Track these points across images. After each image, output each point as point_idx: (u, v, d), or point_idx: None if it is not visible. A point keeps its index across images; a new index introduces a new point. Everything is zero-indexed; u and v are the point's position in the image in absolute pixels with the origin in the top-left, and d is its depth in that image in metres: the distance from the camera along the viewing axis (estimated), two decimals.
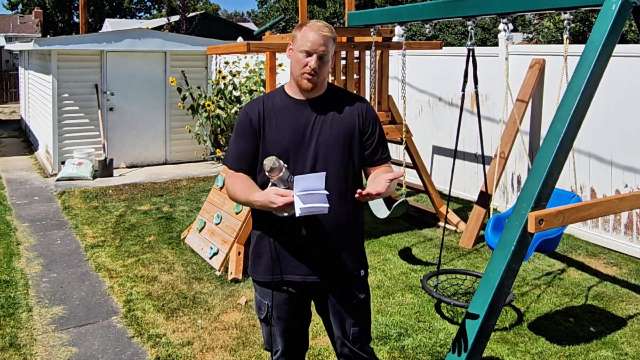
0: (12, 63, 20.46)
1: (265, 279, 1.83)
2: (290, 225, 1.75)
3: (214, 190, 4.46)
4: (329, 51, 1.76)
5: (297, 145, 1.76)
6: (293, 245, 1.78)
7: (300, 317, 1.90)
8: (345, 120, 1.80)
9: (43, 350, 2.84)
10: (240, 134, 1.83)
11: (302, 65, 1.76)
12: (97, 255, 4.18)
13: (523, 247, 2.15)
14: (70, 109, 6.90)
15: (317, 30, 1.75)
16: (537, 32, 14.94)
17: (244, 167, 1.81)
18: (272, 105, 1.82)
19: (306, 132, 1.77)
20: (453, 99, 5.67)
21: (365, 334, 1.90)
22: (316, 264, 1.79)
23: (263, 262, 1.82)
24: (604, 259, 4.06)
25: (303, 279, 1.80)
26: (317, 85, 1.79)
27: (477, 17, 3.28)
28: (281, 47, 4.36)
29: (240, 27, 24.45)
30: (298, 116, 1.79)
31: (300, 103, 1.81)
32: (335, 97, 1.84)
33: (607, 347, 2.82)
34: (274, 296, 1.82)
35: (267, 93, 1.91)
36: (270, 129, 1.79)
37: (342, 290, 1.84)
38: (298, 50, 1.77)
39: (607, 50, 2.27)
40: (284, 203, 1.57)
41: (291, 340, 1.90)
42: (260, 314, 1.89)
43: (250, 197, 1.68)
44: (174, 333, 3.00)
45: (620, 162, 4.19)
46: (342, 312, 1.85)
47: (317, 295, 1.88)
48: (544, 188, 2.16)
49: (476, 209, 4.42)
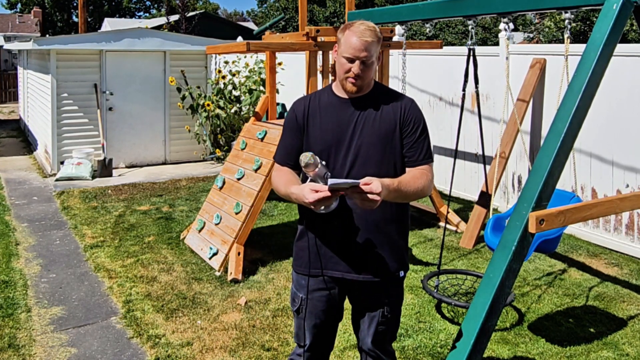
0: (11, 63, 20.45)
1: (305, 272, 1.86)
2: (332, 221, 1.78)
3: (213, 190, 4.45)
4: (372, 55, 1.75)
5: (338, 142, 1.78)
6: (333, 241, 1.81)
7: (332, 315, 1.91)
8: (387, 119, 1.80)
9: (42, 351, 2.83)
10: (287, 129, 1.88)
11: (345, 70, 1.77)
12: (96, 255, 4.17)
13: (524, 247, 2.14)
14: (69, 108, 6.89)
15: (359, 36, 1.73)
16: (538, 32, 14.93)
17: (289, 162, 1.85)
18: (318, 102, 1.86)
19: (348, 130, 1.78)
20: (453, 99, 5.66)
21: (391, 333, 1.92)
22: (356, 262, 1.81)
23: (304, 255, 1.86)
24: (605, 259, 4.05)
25: (342, 275, 1.82)
26: (363, 88, 1.81)
27: (477, 17, 3.27)
28: (281, 46, 4.35)
29: (239, 27, 24.43)
30: (341, 115, 1.81)
31: (344, 101, 1.82)
32: (379, 96, 1.84)
33: (608, 348, 2.81)
34: (310, 290, 1.85)
35: (315, 91, 1.95)
36: (314, 126, 1.82)
37: (378, 289, 1.85)
38: (341, 55, 1.77)
39: (608, 50, 2.26)
40: (315, 199, 1.58)
41: (319, 336, 1.92)
42: (293, 306, 1.92)
43: (289, 189, 1.73)
44: (173, 334, 2.99)
45: (622, 161, 4.18)
46: (373, 310, 1.86)
47: (353, 291, 1.89)
48: (545, 188, 2.15)
49: (477, 209, 4.41)
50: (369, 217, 1.77)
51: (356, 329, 1.95)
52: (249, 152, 4.30)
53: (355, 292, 1.89)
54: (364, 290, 1.86)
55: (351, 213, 1.76)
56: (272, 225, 4.87)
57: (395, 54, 5.81)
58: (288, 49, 4.38)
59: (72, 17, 34.95)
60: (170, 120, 7.51)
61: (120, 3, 37.59)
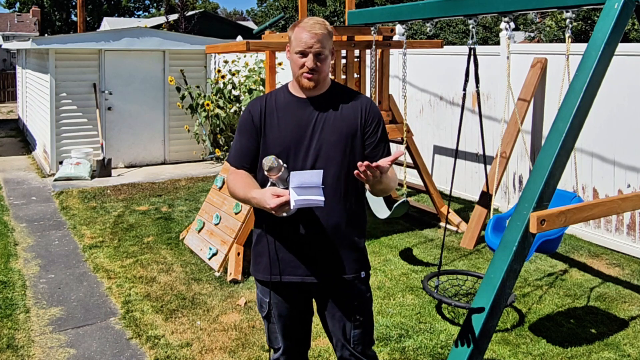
0: (9, 62, 20.42)
1: (266, 278, 1.82)
2: (290, 225, 1.74)
3: (213, 191, 4.43)
4: (324, 47, 1.73)
5: (297, 143, 1.74)
6: (292, 245, 1.77)
7: (300, 316, 1.89)
8: (347, 119, 1.77)
9: (41, 352, 2.82)
10: (243, 131, 1.83)
11: (299, 66, 1.75)
12: (95, 255, 4.15)
13: (525, 247, 2.13)
14: (68, 108, 6.87)
15: (309, 30, 1.72)
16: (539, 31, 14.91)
17: (245, 164, 1.81)
18: (275, 103, 1.81)
19: (307, 130, 1.75)
20: (454, 98, 5.64)
21: (368, 337, 1.88)
22: (315, 265, 1.77)
23: (263, 261, 1.82)
24: (607, 259, 4.04)
25: (302, 280, 1.78)
26: (319, 83, 1.77)
27: (478, 16, 3.26)
28: (281, 45, 4.33)
29: (239, 26, 24.41)
30: (299, 114, 1.77)
31: (302, 101, 1.79)
32: (338, 95, 1.81)
33: (609, 349, 2.80)
34: (274, 295, 1.82)
35: (270, 91, 1.90)
36: (271, 127, 1.78)
37: (342, 292, 1.82)
38: (294, 52, 1.76)
39: (609, 49, 2.25)
40: (277, 204, 1.56)
41: (291, 338, 1.89)
42: (261, 312, 1.89)
43: (248, 194, 1.68)
44: (172, 334, 2.98)
45: (623, 161, 4.16)
46: (342, 315, 1.82)
47: (317, 296, 1.86)
48: (546, 188, 2.14)
49: (477, 209, 4.40)
50: (329, 220, 1.74)
51: (330, 338, 1.90)
52: None
53: (320, 298, 1.85)
54: (328, 295, 1.82)
55: (310, 216, 1.72)
56: None
57: (395, 54, 5.79)
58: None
59: (71, 16, 34.90)
60: (169, 120, 7.49)
61: (119, 2, 37.54)
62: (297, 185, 1.56)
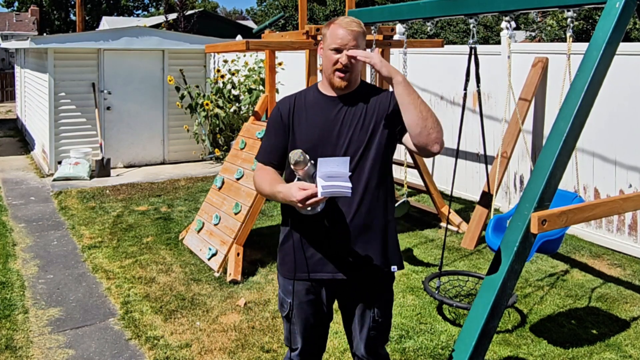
0: (8, 61, 20.40)
1: (291, 277, 1.83)
2: (317, 222, 1.74)
3: (212, 191, 4.42)
4: (359, 46, 1.75)
5: (326, 141, 1.75)
6: (320, 242, 1.78)
7: (321, 319, 1.88)
8: (375, 115, 1.78)
9: (39, 353, 2.81)
10: (271, 128, 1.85)
11: (332, 62, 1.75)
12: (94, 256, 4.14)
13: (526, 248, 2.12)
14: (67, 108, 6.85)
15: (345, 27, 1.74)
16: (540, 30, 14.88)
17: (273, 161, 1.82)
18: (304, 101, 1.83)
19: (335, 128, 1.76)
20: (455, 98, 5.63)
21: (384, 336, 1.89)
22: (344, 261, 1.78)
23: (289, 259, 1.82)
24: (608, 260, 4.02)
25: (332, 276, 1.78)
26: (351, 82, 1.78)
27: (479, 15, 3.24)
28: (281, 45, 4.32)
29: (239, 25, 24.39)
30: (327, 112, 1.78)
31: (331, 99, 1.80)
32: (366, 93, 1.82)
33: (610, 350, 2.79)
34: (297, 295, 1.82)
35: (300, 90, 1.91)
36: (299, 125, 1.79)
37: (368, 290, 1.82)
38: (328, 49, 1.76)
39: (611, 49, 2.24)
40: (303, 197, 1.56)
41: (310, 340, 1.89)
42: (282, 311, 1.89)
43: (275, 188, 1.70)
44: (172, 335, 2.96)
45: (625, 161, 4.15)
46: (364, 312, 1.83)
47: (343, 292, 1.86)
48: (547, 188, 2.12)
49: (478, 209, 4.39)
50: (357, 216, 1.74)
51: (348, 334, 1.92)
52: (249, 151, 4.26)
53: (344, 295, 1.86)
54: (354, 292, 1.83)
55: (338, 212, 1.73)
56: (271, 226, 4.84)
57: (396, 53, 5.78)
58: (288, 48, 4.34)
59: (70, 15, 34.85)
60: (168, 120, 7.47)
61: (118, 1, 37.48)
62: (325, 174, 1.56)
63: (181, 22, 16.66)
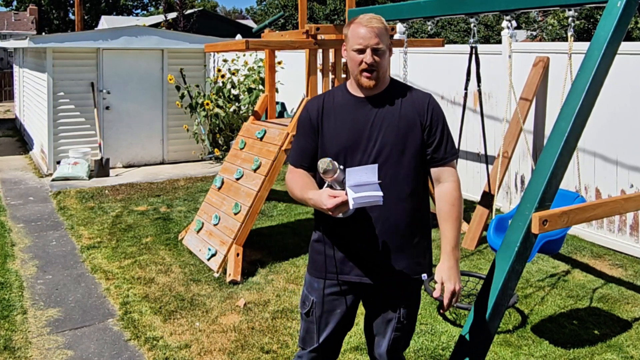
0: (6, 61, 20.37)
1: (320, 276, 1.81)
2: (348, 226, 1.73)
3: (212, 191, 4.40)
4: (382, 42, 1.70)
5: (355, 143, 1.72)
6: (351, 246, 1.76)
7: (342, 322, 1.85)
8: (407, 117, 1.73)
9: (38, 354, 2.80)
10: (301, 130, 1.83)
11: (357, 63, 1.71)
12: (93, 256, 4.12)
13: (527, 248, 2.10)
14: (65, 107, 6.83)
15: (366, 24, 1.70)
16: (541, 30, 14.87)
17: (304, 164, 1.80)
18: (333, 102, 1.79)
19: (365, 130, 1.72)
20: (455, 98, 5.61)
21: (407, 338, 1.87)
22: (374, 266, 1.76)
23: (320, 259, 1.81)
24: (609, 260, 4.01)
25: (360, 280, 1.77)
26: (379, 81, 1.74)
27: (480, 14, 3.23)
28: (280, 44, 4.30)
29: (238, 25, 24.38)
30: (357, 114, 1.75)
31: (360, 100, 1.76)
32: (397, 93, 1.78)
33: (612, 350, 2.78)
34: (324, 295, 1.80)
35: (329, 90, 1.88)
36: (328, 127, 1.76)
37: (397, 294, 1.80)
38: (351, 49, 1.73)
39: (612, 48, 2.22)
40: (333, 205, 1.54)
41: (327, 342, 1.86)
42: (303, 308, 1.87)
43: (305, 194, 1.68)
44: (171, 336, 2.95)
45: (626, 161, 4.14)
46: (390, 315, 1.81)
47: (369, 296, 1.84)
48: (548, 188, 2.11)
49: (479, 209, 4.37)
50: (388, 221, 1.71)
51: (368, 333, 1.89)
52: (248, 151, 4.25)
53: (372, 297, 1.84)
54: (382, 295, 1.81)
55: (369, 217, 1.71)
56: (271, 226, 4.83)
57: (396, 52, 5.76)
58: (288, 47, 4.32)
59: (69, 14, 34.78)
60: (168, 120, 7.46)
61: (117, 1, 37.41)
62: (354, 184, 1.54)
63: (180, 21, 16.65)
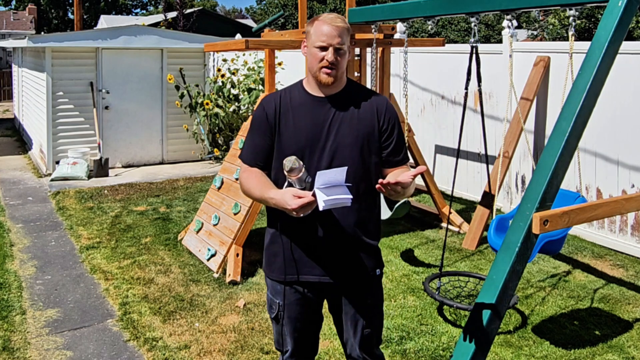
0: (5, 60, 20.35)
1: (280, 278, 1.80)
2: (305, 225, 1.72)
3: (211, 191, 4.39)
4: (344, 42, 1.72)
5: (313, 143, 1.72)
6: (308, 245, 1.76)
7: (311, 320, 1.86)
8: (364, 119, 1.75)
9: (37, 354, 2.78)
10: (256, 128, 1.79)
11: (318, 60, 1.71)
12: (92, 256, 4.11)
13: (527, 248, 2.09)
14: (64, 107, 6.81)
15: (330, 23, 1.71)
16: (542, 29, 14.88)
17: (259, 162, 1.78)
18: (290, 100, 1.78)
19: (323, 130, 1.72)
20: (456, 97, 5.60)
21: (377, 336, 1.88)
22: (332, 264, 1.76)
23: (278, 261, 1.79)
24: (610, 260, 4.00)
25: (319, 279, 1.77)
26: (337, 79, 1.74)
27: (480, 14, 3.22)
28: (280, 44, 4.29)
29: (238, 24, 24.38)
30: (315, 114, 1.74)
31: (318, 100, 1.76)
32: (354, 94, 1.79)
33: (613, 351, 2.77)
34: (287, 296, 1.80)
35: (285, 87, 1.85)
36: (286, 126, 1.75)
37: (358, 291, 1.81)
38: (313, 46, 1.72)
39: (613, 48, 2.21)
40: (298, 205, 1.53)
41: (301, 341, 1.86)
42: (271, 313, 1.86)
43: (265, 194, 1.65)
44: (170, 336, 2.94)
45: (627, 161, 4.13)
46: (355, 313, 1.82)
47: (331, 295, 1.85)
48: (549, 188, 2.10)
49: (479, 209, 4.36)
50: (344, 220, 1.73)
51: (341, 336, 1.90)
52: None
53: (334, 297, 1.84)
54: (343, 294, 1.81)
55: (326, 216, 1.70)
56: None
57: (396, 52, 5.75)
58: (287, 47, 4.31)
59: (68, 14, 34.75)
60: (167, 119, 7.44)
61: (116, 0, 37.40)
62: (323, 185, 1.53)
63: (180, 20, 16.63)
